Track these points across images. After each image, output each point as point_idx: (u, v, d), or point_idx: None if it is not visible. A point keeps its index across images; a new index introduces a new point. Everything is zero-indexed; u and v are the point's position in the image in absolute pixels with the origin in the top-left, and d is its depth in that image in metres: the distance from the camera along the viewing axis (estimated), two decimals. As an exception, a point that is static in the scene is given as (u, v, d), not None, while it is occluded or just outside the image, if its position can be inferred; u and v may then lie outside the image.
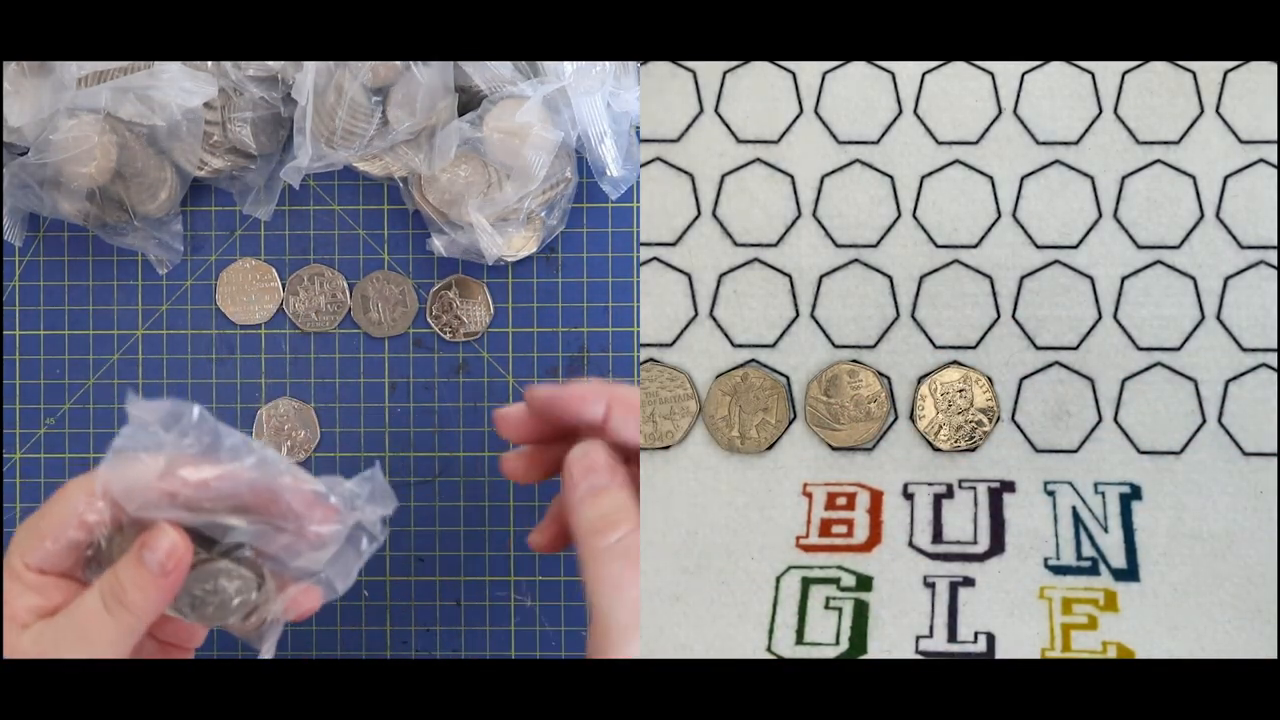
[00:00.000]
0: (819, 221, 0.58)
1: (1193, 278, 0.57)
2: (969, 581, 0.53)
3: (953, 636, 0.52)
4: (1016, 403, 0.56)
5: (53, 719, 0.42)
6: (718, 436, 0.56)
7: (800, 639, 0.52)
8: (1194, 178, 0.57)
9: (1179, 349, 0.56)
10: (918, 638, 0.52)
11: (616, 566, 0.43)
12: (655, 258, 0.58)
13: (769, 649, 0.51)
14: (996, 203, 0.57)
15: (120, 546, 0.44)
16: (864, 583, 0.53)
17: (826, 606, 0.53)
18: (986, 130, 0.58)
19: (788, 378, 0.57)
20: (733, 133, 0.58)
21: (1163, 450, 0.56)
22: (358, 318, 0.61)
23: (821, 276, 0.57)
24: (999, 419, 0.56)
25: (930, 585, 0.53)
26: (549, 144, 0.57)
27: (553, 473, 0.48)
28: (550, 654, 0.61)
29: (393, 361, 0.61)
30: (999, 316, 0.57)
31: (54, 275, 0.61)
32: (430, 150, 0.58)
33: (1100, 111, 0.58)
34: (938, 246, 0.57)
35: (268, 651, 0.46)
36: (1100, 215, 0.57)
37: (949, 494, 0.55)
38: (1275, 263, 0.56)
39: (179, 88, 0.56)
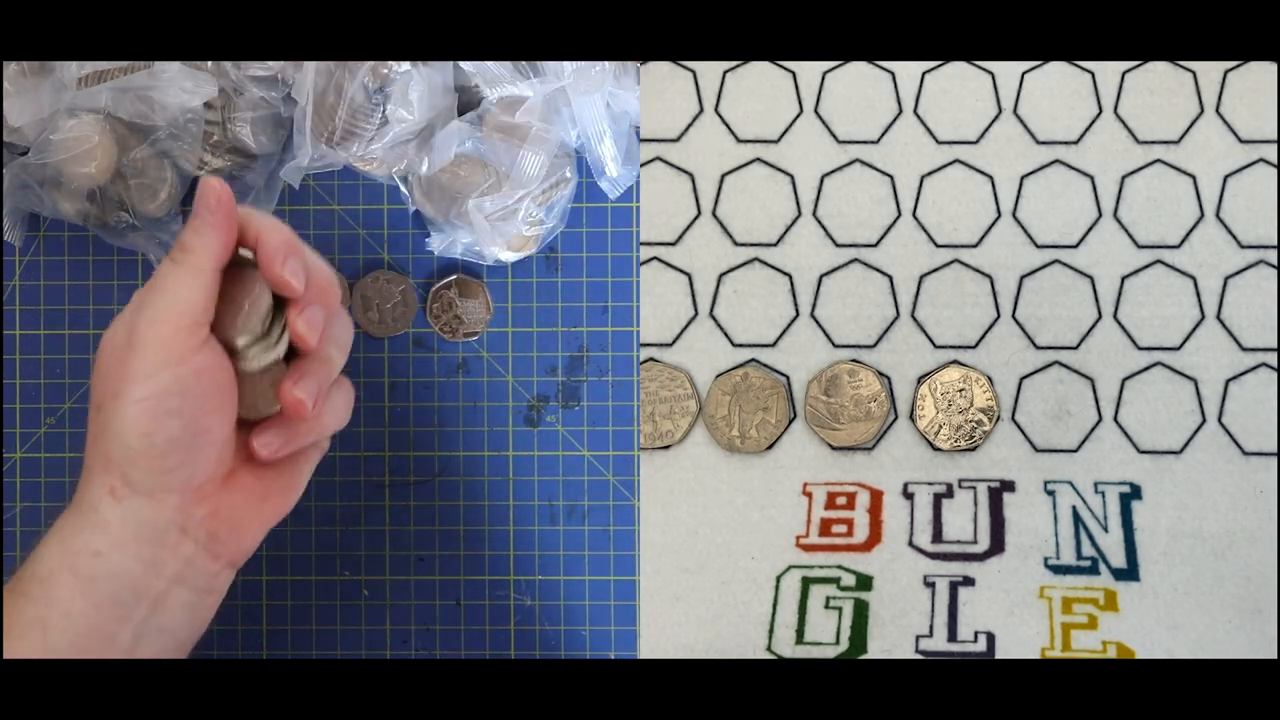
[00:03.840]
0: (819, 221, 0.58)
1: (1193, 277, 0.57)
2: (969, 581, 0.53)
3: (953, 636, 0.52)
4: (1016, 402, 0.56)
5: (55, 718, 0.42)
6: (718, 436, 0.56)
7: (800, 639, 0.52)
8: (1194, 178, 0.57)
9: (1179, 349, 0.56)
10: (918, 637, 0.52)
11: None
12: (655, 257, 0.58)
13: (769, 649, 0.51)
14: (996, 203, 0.57)
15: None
16: (864, 582, 0.53)
17: (826, 606, 0.53)
18: (986, 130, 0.58)
19: (788, 377, 0.57)
20: (733, 133, 0.58)
21: (1163, 450, 0.56)
22: (357, 317, 0.61)
23: (821, 276, 0.57)
24: (999, 419, 0.56)
25: (930, 585, 0.53)
26: (549, 144, 0.57)
27: None
28: (550, 654, 0.61)
29: (393, 361, 0.61)
30: (999, 316, 0.57)
31: (54, 275, 0.61)
32: (430, 150, 0.58)
33: (1100, 111, 0.58)
34: (938, 246, 0.57)
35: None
36: (1100, 215, 0.57)
37: (949, 494, 0.55)
38: (1275, 263, 0.56)
39: (179, 88, 0.56)
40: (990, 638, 0.52)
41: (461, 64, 0.58)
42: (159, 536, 0.46)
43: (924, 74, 0.59)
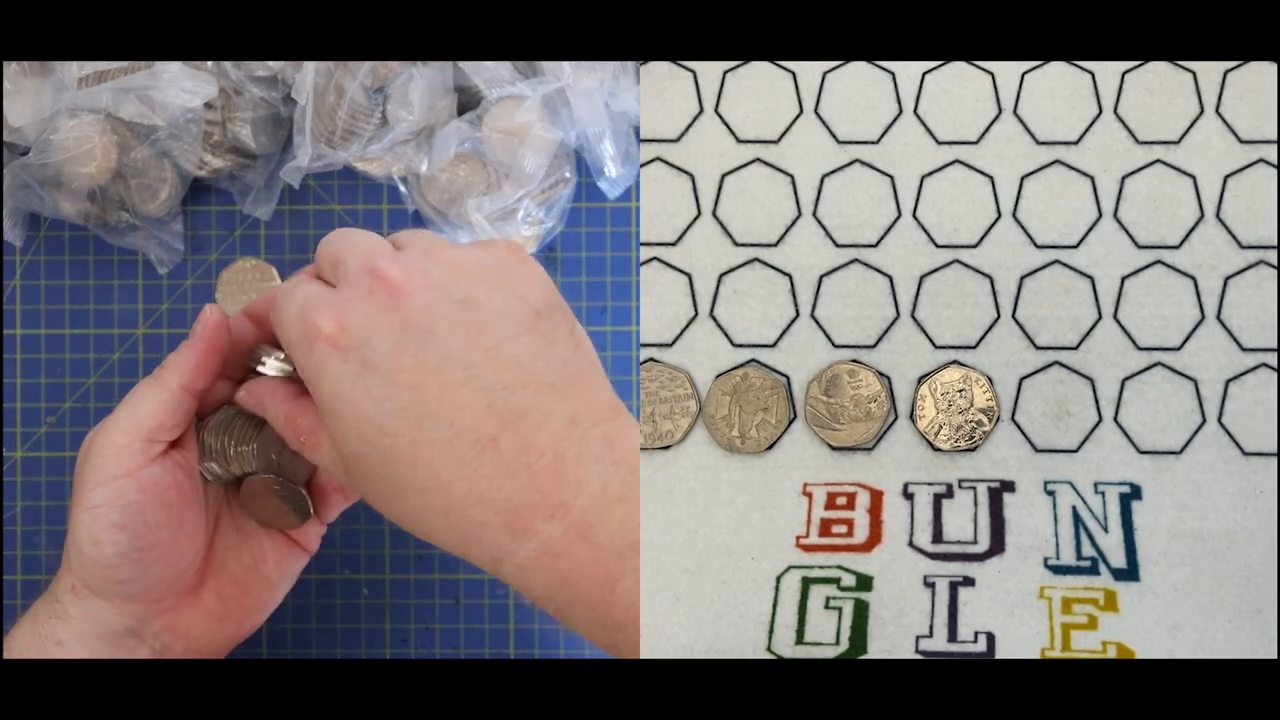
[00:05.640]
0: (819, 221, 0.58)
1: (1193, 278, 0.57)
2: (969, 581, 0.53)
3: (953, 636, 0.52)
4: (1016, 403, 0.56)
5: (54, 718, 0.42)
6: (718, 436, 0.56)
7: (800, 639, 0.52)
8: (1194, 178, 0.57)
9: (1179, 349, 0.56)
10: (918, 638, 0.52)
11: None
12: (655, 258, 0.58)
13: (769, 649, 0.51)
14: (996, 203, 0.57)
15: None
16: (864, 582, 0.53)
17: (826, 606, 0.53)
18: (986, 130, 0.58)
19: (788, 377, 0.57)
20: (733, 133, 0.58)
21: (1163, 450, 0.56)
22: (358, 317, 0.61)
23: (821, 276, 0.57)
24: (999, 419, 0.56)
25: (930, 585, 0.53)
26: (548, 144, 0.57)
27: None
28: (549, 653, 0.61)
29: (393, 361, 0.61)
30: (999, 316, 0.57)
31: (55, 275, 0.61)
32: (430, 150, 0.58)
33: (1100, 111, 0.58)
34: (938, 246, 0.57)
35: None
36: (1100, 215, 0.57)
37: (949, 494, 0.55)
38: (1275, 263, 0.56)
39: (179, 88, 0.56)
40: (990, 638, 0.51)
41: (461, 64, 0.58)
42: (115, 638, 0.47)
43: (924, 74, 0.59)
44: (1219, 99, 0.58)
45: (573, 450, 0.39)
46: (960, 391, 0.56)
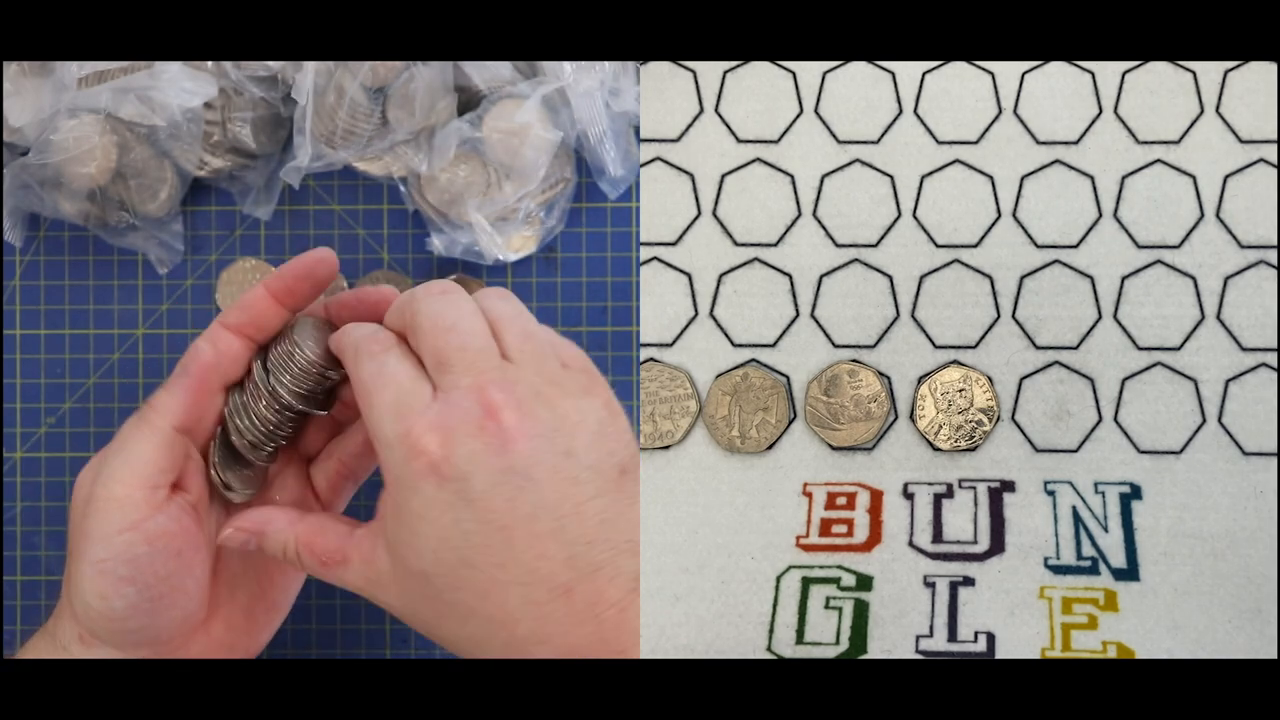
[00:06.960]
0: (819, 221, 0.58)
1: (1193, 277, 0.57)
2: (969, 581, 0.53)
3: (953, 636, 0.52)
4: (1016, 402, 0.56)
5: (55, 718, 0.42)
6: (718, 436, 0.56)
7: (800, 639, 0.52)
8: (1194, 178, 0.57)
9: (1179, 349, 0.56)
10: (918, 637, 0.52)
11: None
12: (655, 257, 0.58)
13: (769, 649, 0.51)
14: (996, 203, 0.58)
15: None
16: (864, 582, 0.53)
17: (826, 606, 0.53)
18: (986, 130, 0.58)
19: (788, 377, 0.57)
20: (733, 133, 0.58)
21: (1163, 450, 0.56)
22: (358, 317, 0.61)
23: (821, 276, 0.57)
24: (999, 419, 0.56)
25: (930, 585, 0.53)
26: (548, 144, 0.57)
27: None
28: (550, 654, 0.61)
29: (393, 361, 0.61)
30: (999, 316, 0.57)
31: (54, 275, 0.61)
32: (430, 150, 0.58)
33: (1100, 111, 0.58)
34: (938, 246, 0.57)
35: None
36: (1100, 215, 0.57)
37: (949, 494, 0.55)
38: (1275, 263, 0.56)
39: (179, 88, 0.56)
40: (990, 638, 0.51)
41: (461, 64, 0.58)
42: None
43: (924, 74, 0.59)
44: (1219, 99, 0.58)
45: (636, 605, 0.41)
46: (960, 391, 0.56)
